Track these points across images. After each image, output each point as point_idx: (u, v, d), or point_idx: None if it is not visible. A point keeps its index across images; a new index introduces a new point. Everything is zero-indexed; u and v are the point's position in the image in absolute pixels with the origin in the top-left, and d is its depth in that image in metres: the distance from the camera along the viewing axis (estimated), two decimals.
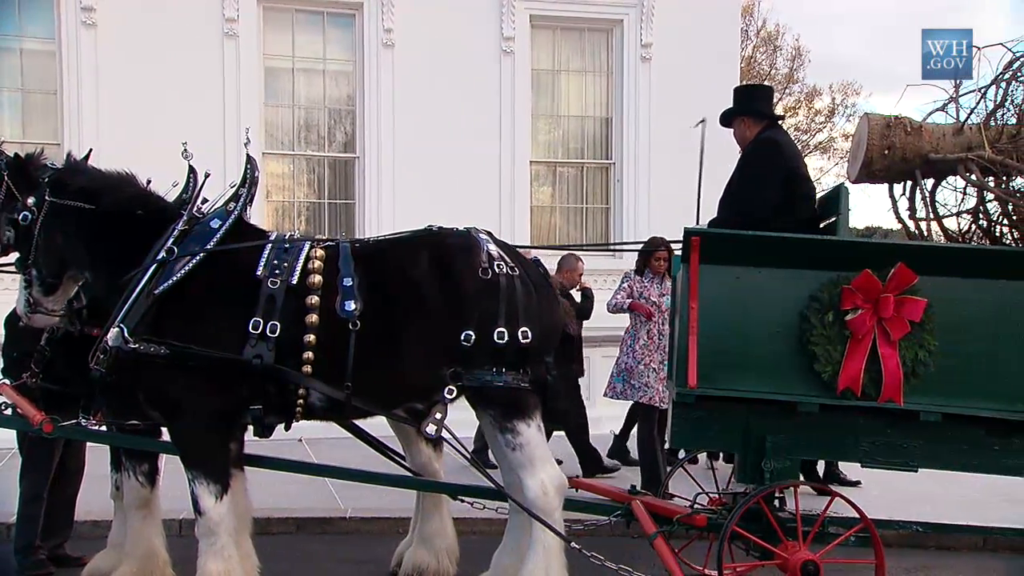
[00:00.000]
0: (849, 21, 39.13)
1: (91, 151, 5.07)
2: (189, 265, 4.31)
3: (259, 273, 4.35)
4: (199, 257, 4.34)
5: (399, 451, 5.40)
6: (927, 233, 5.01)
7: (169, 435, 4.62)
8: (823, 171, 27.91)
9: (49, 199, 4.56)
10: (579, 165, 11.63)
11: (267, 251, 4.44)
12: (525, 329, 4.42)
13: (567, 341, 4.86)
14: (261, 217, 10.10)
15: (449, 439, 4.52)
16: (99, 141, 9.65)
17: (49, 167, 4.70)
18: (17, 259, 4.77)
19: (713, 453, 6.56)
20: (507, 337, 4.39)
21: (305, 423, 4.64)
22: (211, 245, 4.39)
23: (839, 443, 4.56)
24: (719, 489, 5.43)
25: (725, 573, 4.32)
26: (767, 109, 5.31)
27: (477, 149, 10.68)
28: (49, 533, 5.49)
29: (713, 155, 5.69)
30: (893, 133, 4.84)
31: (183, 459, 4.40)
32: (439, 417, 4.44)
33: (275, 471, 5.12)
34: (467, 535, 5.55)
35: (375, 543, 6.19)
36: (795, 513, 4.43)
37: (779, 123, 5.35)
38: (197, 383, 4.27)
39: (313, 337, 4.29)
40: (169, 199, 4.78)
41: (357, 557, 6.04)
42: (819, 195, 5.33)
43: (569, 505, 4.75)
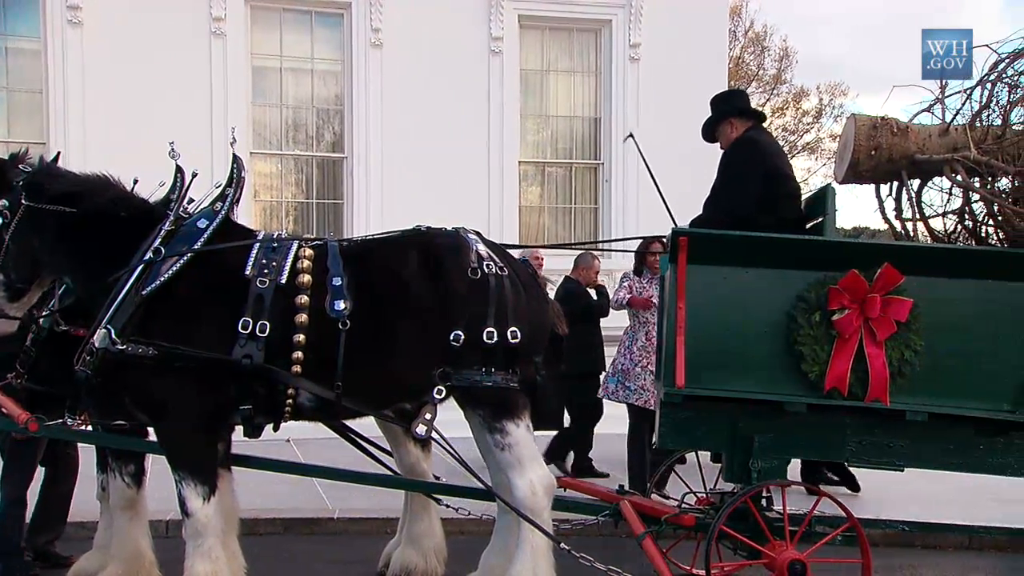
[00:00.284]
0: (836, 22, 39.36)
1: (59, 154, 4.97)
2: (177, 265, 4.28)
3: (247, 273, 4.32)
4: (187, 257, 4.31)
5: (387, 451, 5.39)
6: (913, 233, 5.03)
7: (156, 436, 4.59)
8: (811, 171, 28.07)
9: (25, 203, 4.47)
10: (567, 165, 11.65)
11: (255, 250, 4.41)
12: (514, 329, 4.42)
13: (556, 341, 4.85)
14: (249, 217, 10.07)
15: (437, 439, 4.51)
16: (85, 140, 9.68)
17: (23, 170, 4.59)
18: None
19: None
20: (496, 337, 4.38)
21: (293, 423, 4.62)
22: (198, 245, 4.37)
23: (826, 443, 4.57)
24: (707, 489, 5.44)
25: (713, 572, 4.33)
26: (749, 107, 5.34)
27: (466, 149, 10.68)
28: (42, 528, 5.48)
29: (698, 160, 5.71)
30: (880, 134, 4.86)
31: (170, 460, 4.37)
32: (429, 418, 4.43)
33: (262, 471, 5.11)
34: (455, 535, 5.54)
35: (363, 543, 6.18)
36: (782, 512, 4.45)
37: (762, 124, 5.37)
38: (185, 384, 4.24)
39: (303, 337, 4.27)
40: (156, 198, 4.75)
41: (345, 558, 6.02)
42: (806, 195, 5.36)
43: (558, 505, 4.76)
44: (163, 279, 4.25)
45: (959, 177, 4.76)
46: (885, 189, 5.17)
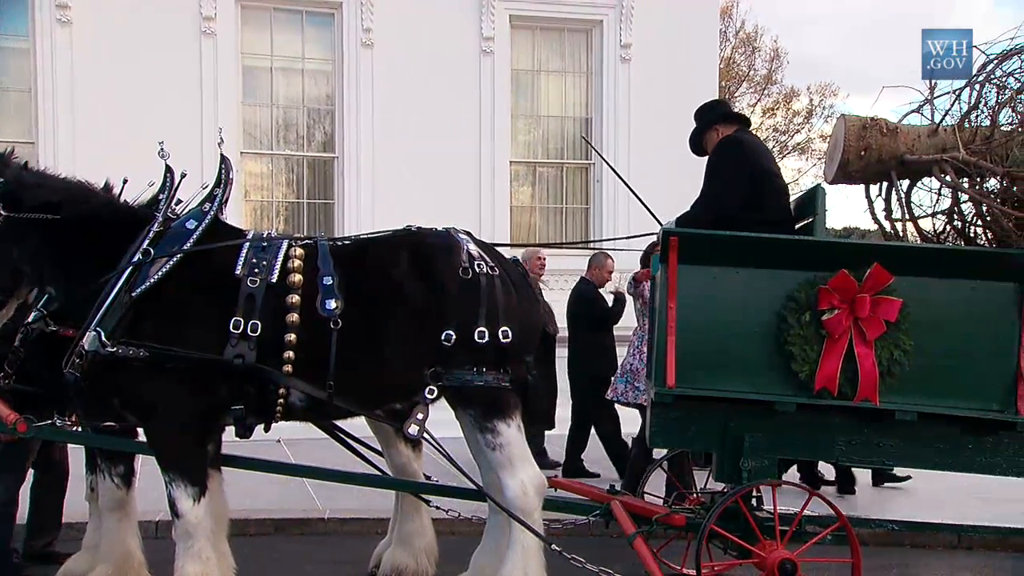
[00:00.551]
0: (827, 22, 39.48)
1: (13, 149, 4.74)
2: (167, 266, 4.26)
3: (238, 272, 4.31)
4: (177, 258, 4.29)
5: (378, 451, 5.38)
6: (903, 234, 5.05)
7: (145, 437, 4.57)
8: (801, 172, 28.16)
9: (4, 213, 4.32)
10: (559, 165, 11.66)
11: (245, 250, 4.40)
12: (505, 328, 4.42)
13: (548, 340, 4.86)
14: (239, 217, 10.04)
15: (428, 439, 4.50)
16: (74, 140, 9.65)
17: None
18: None
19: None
20: (487, 336, 4.38)
21: (284, 424, 4.61)
22: (188, 246, 4.35)
23: (816, 442, 4.59)
24: (697, 489, 5.45)
25: (703, 572, 4.34)
26: (733, 113, 5.36)
27: (457, 149, 10.68)
28: (38, 532, 5.45)
29: (689, 161, 5.74)
30: (869, 134, 4.88)
31: (160, 461, 4.35)
32: (420, 417, 4.43)
33: (253, 472, 5.09)
34: (446, 535, 5.53)
35: (353, 544, 6.17)
36: (773, 512, 4.46)
37: (748, 127, 5.38)
38: (176, 384, 4.22)
39: (294, 336, 4.26)
40: (146, 198, 4.71)
41: (335, 558, 6.01)
42: (796, 196, 5.37)
43: (549, 505, 4.76)
44: (153, 280, 4.23)
45: (948, 178, 4.77)
46: (875, 189, 5.19)
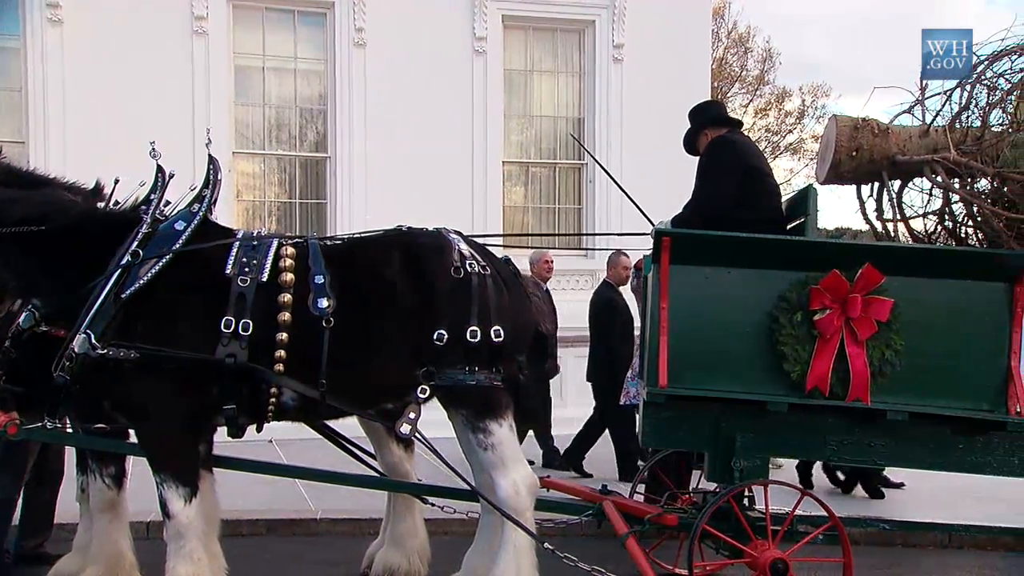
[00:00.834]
0: (819, 23, 39.54)
1: (0, 148, 4.71)
2: (157, 267, 4.24)
3: (228, 271, 4.30)
4: (166, 258, 4.27)
5: (370, 452, 5.37)
6: (894, 234, 5.07)
7: (137, 438, 4.56)
8: (793, 172, 28.22)
9: None
10: (551, 165, 11.65)
11: (235, 249, 4.38)
12: (497, 328, 4.42)
13: (540, 339, 4.86)
14: (231, 217, 10.01)
15: (420, 439, 4.50)
16: (65, 140, 9.60)
17: None
18: None
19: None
20: (480, 336, 4.38)
21: (276, 424, 4.60)
22: (177, 246, 4.33)
23: (808, 442, 4.61)
24: (689, 488, 5.46)
25: (695, 572, 4.35)
26: (724, 115, 5.37)
27: (449, 149, 10.67)
28: (30, 533, 5.43)
29: (682, 161, 5.74)
30: (861, 135, 4.90)
31: (151, 462, 4.34)
32: (412, 417, 4.43)
33: (244, 472, 5.08)
34: (439, 535, 5.53)
35: (346, 544, 6.16)
36: (764, 512, 4.46)
37: (739, 128, 5.39)
38: (167, 385, 4.21)
39: (286, 335, 4.25)
40: (138, 199, 4.68)
41: (328, 559, 6.00)
42: (788, 196, 5.38)
43: (541, 505, 4.76)
44: (143, 281, 4.21)
45: (939, 178, 4.80)
46: (866, 190, 5.21)
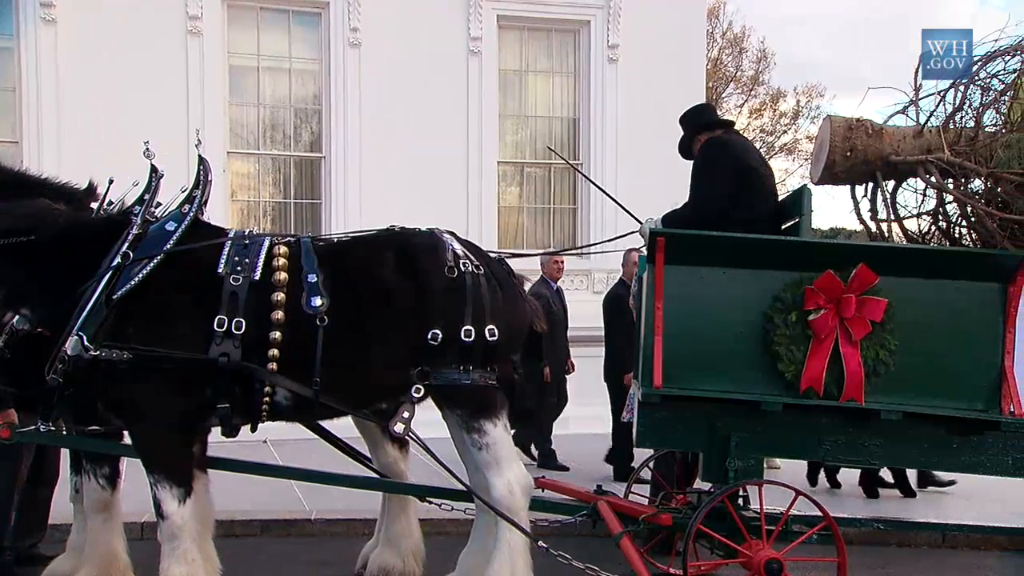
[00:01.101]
0: (814, 23, 39.61)
1: None
2: (148, 267, 4.23)
3: (221, 270, 4.29)
4: (158, 259, 4.26)
5: (365, 452, 5.37)
6: (888, 234, 5.08)
7: (131, 439, 4.54)
8: (788, 172, 28.24)
9: None
10: (546, 165, 11.65)
11: (227, 248, 4.38)
12: (492, 327, 4.42)
13: (534, 339, 4.86)
14: (226, 217, 10.00)
15: (414, 438, 4.49)
16: (59, 139, 9.57)
17: None
18: None
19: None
20: (474, 335, 4.38)
21: (271, 425, 4.59)
22: (168, 247, 4.31)
23: (802, 442, 4.61)
24: (684, 488, 5.46)
25: (690, 571, 4.35)
26: (716, 119, 5.38)
27: (444, 149, 10.66)
28: (25, 534, 5.42)
29: (676, 162, 5.75)
30: (855, 135, 4.91)
31: (145, 462, 4.32)
32: (407, 416, 4.42)
33: (239, 473, 5.07)
34: (434, 536, 5.53)
35: (340, 545, 6.15)
36: (759, 512, 4.47)
37: (733, 129, 5.40)
38: (160, 385, 4.19)
39: (279, 334, 4.25)
40: (131, 198, 4.68)
41: (322, 559, 5.99)
42: (783, 196, 5.39)
43: (536, 505, 4.76)
44: (135, 282, 4.20)
45: (933, 178, 4.80)
46: (860, 190, 5.21)
